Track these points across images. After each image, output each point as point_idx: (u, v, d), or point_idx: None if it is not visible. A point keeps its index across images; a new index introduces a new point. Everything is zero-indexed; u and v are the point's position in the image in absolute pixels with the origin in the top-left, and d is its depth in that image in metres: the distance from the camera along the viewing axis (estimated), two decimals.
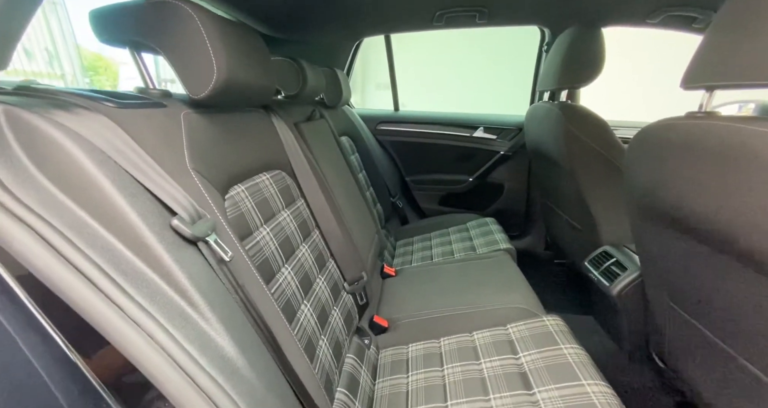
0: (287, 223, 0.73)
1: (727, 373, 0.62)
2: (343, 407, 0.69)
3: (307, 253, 0.77)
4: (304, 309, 0.68)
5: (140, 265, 0.33)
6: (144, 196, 0.36)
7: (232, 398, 0.32)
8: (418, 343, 0.93)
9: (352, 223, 1.05)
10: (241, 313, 0.41)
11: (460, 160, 1.76)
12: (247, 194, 0.62)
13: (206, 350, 0.33)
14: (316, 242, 0.83)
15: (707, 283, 0.61)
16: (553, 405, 0.63)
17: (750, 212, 0.44)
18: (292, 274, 0.68)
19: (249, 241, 0.58)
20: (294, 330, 0.60)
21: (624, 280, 0.94)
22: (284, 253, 0.68)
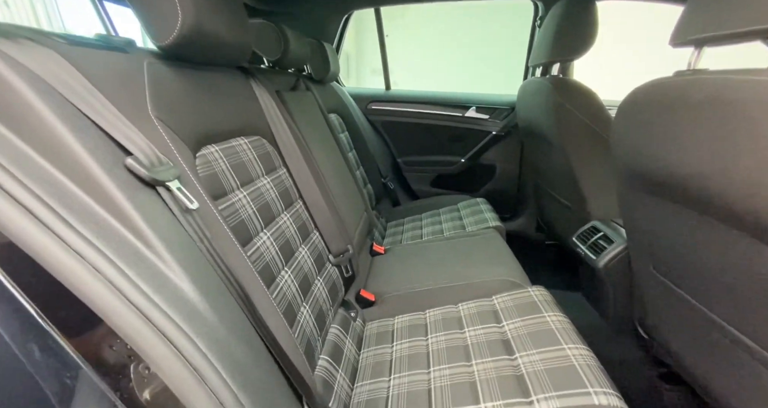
0: (267, 190, 0.71)
1: (711, 340, 0.63)
2: (326, 373, 0.69)
3: (289, 221, 0.76)
4: (284, 275, 0.67)
5: (88, 201, 0.31)
6: (94, 131, 0.34)
7: (188, 336, 0.31)
8: (404, 315, 0.92)
9: (340, 198, 1.03)
10: (207, 262, 0.39)
11: (453, 140, 1.74)
12: (221, 155, 0.60)
13: (162, 289, 0.32)
14: (299, 212, 0.82)
15: (692, 249, 0.61)
16: (534, 368, 0.63)
17: (738, 169, 0.43)
18: (271, 240, 0.66)
19: (223, 202, 0.57)
20: (273, 294, 0.59)
21: (610, 253, 0.94)
22: (263, 219, 0.66)
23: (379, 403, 0.67)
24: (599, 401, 0.54)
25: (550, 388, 0.58)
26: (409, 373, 0.72)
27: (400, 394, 0.68)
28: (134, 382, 0.29)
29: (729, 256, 0.51)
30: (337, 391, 0.69)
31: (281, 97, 0.88)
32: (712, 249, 0.54)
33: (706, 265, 0.57)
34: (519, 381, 0.62)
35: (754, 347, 0.53)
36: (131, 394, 0.29)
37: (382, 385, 0.72)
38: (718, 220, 0.51)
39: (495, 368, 0.66)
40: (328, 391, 0.67)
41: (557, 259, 1.65)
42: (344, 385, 0.72)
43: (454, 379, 0.67)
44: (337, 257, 0.90)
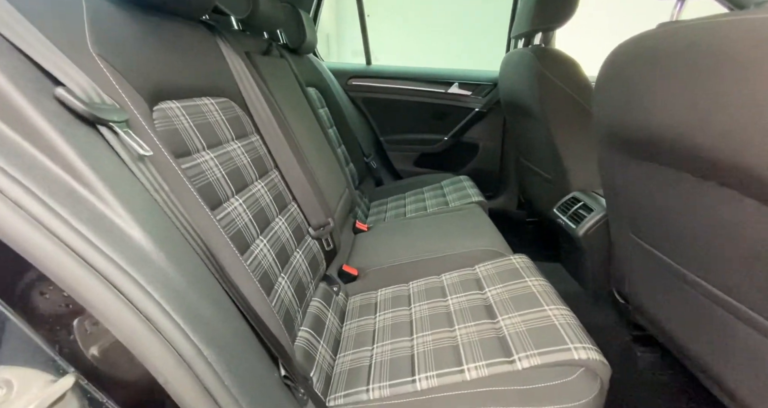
0: (238, 155, 0.67)
1: (687, 299, 0.64)
2: (306, 344, 0.67)
3: (264, 190, 0.72)
4: (259, 244, 0.64)
5: (7, 132, 0.27)
6: (14, 56, 0.29)
7: (138, 283, 0.28)
8: (388, 288, 0.91)
9: (320, 172, 1.00)
10: (164, 214, 0.36)
11: (435, 118, 1.71)
12: (183, 112, 0.55)
13: (106, 234, 0.28)
14: (274, 182, 0.78)
15: (670, 209, 0.61)
16: (515, 329, 0.63)
17: (724, 118, 0.42)
18: (243, 206, 0.63)
19: (187, 161, 0.52)
20: (247, 261, 0.56)
21: (590, 221, 0.95)
22: (234, 185, 0.62)
23: (362, 371, 0.66)
24: (579, 356, 0.55)
25: (531, 346, 0.59)
26: (392, 340, 0.71)
27: (383, 361, 0.67)
28: (77, 336, 0.26)
29: (712, 214, 0.51)
30: (319, 361, 0.67)
31: (252, 61, 0.83)
32: (694, 207, 0.55)
33: (687, 224, 0.58)
34: (501, 342, 0.62)
35: (730, 302, 0.54)
36: (73, 348, 0.26)
37: (365, 354, 0.71)
38: (703, 177, 0.51)
39: (477, 331, 0.66)
40: (310, 362, 0.65)
41: (537, 234, 1.68)
42: (326, 356, 0.70)
43: (437, 343, 0.66)
44: (317, 230, 0.87)
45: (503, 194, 1.78)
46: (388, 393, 0.59)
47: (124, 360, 0.27)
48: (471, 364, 0.59)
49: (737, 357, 0.55)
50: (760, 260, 0.46)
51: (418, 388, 0.58)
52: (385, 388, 0.60)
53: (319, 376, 0.64)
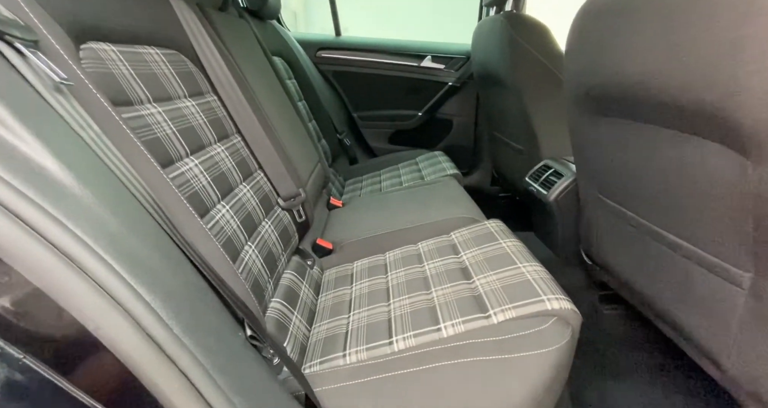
0: (192, 114, 0.61)
1: (647, 249, 0.67)
2: (279, 314, 0.64)
3: (224, 154, 0.67)
4: (221, 209, 0.59)
5: None
6: None
7: (54, 217, 0.23)
8: (364, 259, 0.89)
9: (289, 143, 0.94)
10: (89, 150, 0.31)
11: (409, 93, 1.68)
12: (121, 57, 0.48)
13: (7, 160, 0.23)
14: (237, 147, 0.72)
15: (636, 163, 0.63)
16: (491, 287, 0.64)
17: (691, 60, 0.42)
18: (200, 168, 0.57)
19: (127, 111, 0.46)
20: (207, 224, 0.51)
21: (560, 186, 0.97)
22: (188, 144, 0.57)
23: (338, 338, 0.64)
24: (551, 306, 0.55)
25: (506, 301, 0.59)
26: (369, 307, 0.70)
27: (360, 327, 0.65)
28: None
29: (677, 163, 0.52)
30: (293, 331, 0.64)
31: (205, 14, 0.75)
32: (658, 159, 0.56)
33: (652, 177, 0.59)
34: (477, 300, 0.63)
35: (688, 247, 0.56)
36: None
37: (342, 322, 0.69)
38: (669, 126, 0.52)
39: (453, 292, 0.66)
40: (283, 332, 0.62)
41: (510, 209, 1.72)
42: (301, 326, 0.68)
43: (414, 306, 0.66)
44: (288, 201, 0.82)
45: (477, 171, 1.79)
46: (365, 356, 0.57)
47: (42, 307, 0.23)
48: (448, 322, 0.59)
49: (693, 301, 0.58)
50: (721, 205, 0.48)
51: (395, 348, 0.57)
52: (362, 352, 0.59)
53: (294, 345, 0.62)
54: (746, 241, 0.46)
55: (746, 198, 0.43)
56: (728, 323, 0.52)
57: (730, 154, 0.44)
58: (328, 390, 0.50)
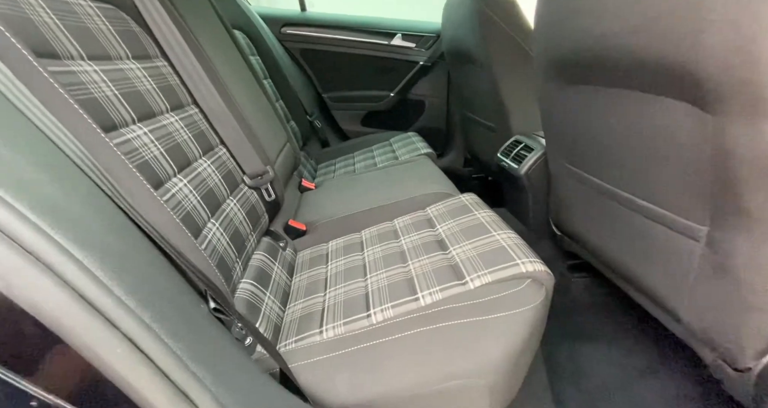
0: (137, 77, 0.54)
1: (612, 214, 0.69)
2: (250, 295, 0.61)
3: (179, 124, 0.61)
4: (177, 183, 0.54)
5: None
6: None
7: None
8: (339, 238, 0.87)
9: (254, 120, 0.89)
10: (16, 110, 0.26)
11: (380, 72, 1.64)
12: (41, 3, 0.41)
13: None
14: (194, 119, 0.66)
15: (602, 129, 0.64)
16: (466, 255, 0.64)
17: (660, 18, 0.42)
18: (150, 137, 0.52)
19: (54, 65, 0.40)
20: (163, 197, 0.46)
21: (531, 160, 0.99)
22: (134, 110, 0.51)
23: (314, 315, 0.62)
24: (526, 268, 0.56)
25: (482, 267, 0.59)
26: (345, 283, 0.68)
27: (337, 303, 0.63)
28: None
29: (644, 125, 0.54)
30: (266, 312, 0.61)
31: None
32: (626, 122, 0.57)
33: (619, 141, 0.61)
34: (454, 269, 0.62)
35: (650, 207, 0.59)
36: None
37: (317, 300, 0.66)
38: (635, 88, 0.53)
39: (431, 263, 0.65)
40: (254, 313, 0.59)
41: (483, 189, 1.75)
42: (274, 307, 0.65)
43: (391, 279, 0.65)
44: (254, 179, 0.78)
45: (450, 153, 1.80)
46: (342, 330, 0.56)
47: None
48: (425, 291, 0.58)
49: (654, 258, 0.61)
50: (681, 162, 0.50)
51: (373, 321, 0.56)
52: (339, 327, 0.57)
53: (267, 325, 0.59)
54: (704, 195, 0.48)
55: (705, 153, 0.45)
56: (686, 276, 0.55)
57: (691, 111, 0.45)
58: (303, 365, 0.48)
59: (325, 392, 0.44)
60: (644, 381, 0.74)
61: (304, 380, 0.46)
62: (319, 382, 0.45)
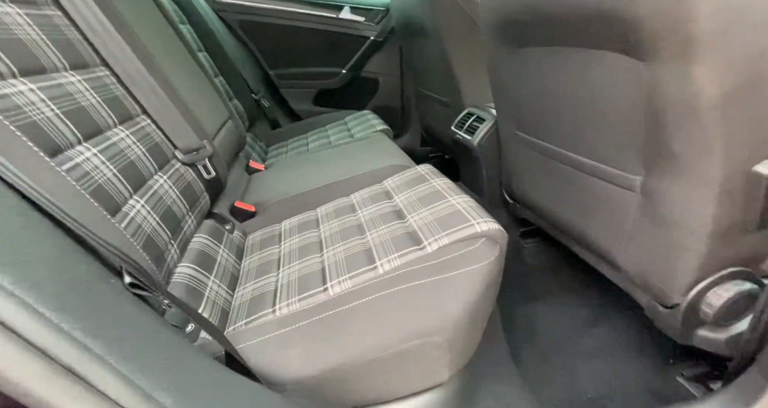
0: (29, 33, 0.44)
1: (559, 175, 0.72)
2: (189, 279, 0.54)
3: (83, 86, 0.51)
4: (84, 152, 0.45)
5: None
6: None
7: None
8: (293, 218, 0.82)
9: (186, 90, 0.79)
10: None
11: (329, 48, 1.56)
12: None
13: None
14: (104, 83, 0.56)
15: (547, 91, 0.65)
16: (423, 221, 0.63)
17: None
18: (40, 95, 0.42)
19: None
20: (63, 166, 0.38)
21: (483, 130, 1.00)
22: (16, 63, 0.41)
23: (266, 295, 0.57)
24: (480, 228, 0.56)
25: (438, 231, 0.58)
26: (300, 261, 0.64)
27: (291, 281, 0.59)
28: None
29: (588, 82, 0.55)
30: (210, 297, 0.55)
31: None
32: (571, 81, 0.58)
33: (564, 102, 0.62)
34: (411, 235, 0.61)
35: (592, 164, 0.61)
36: None
37: (270, 280, 0.62)
38: (577, 45, 0.54)
39: (389, 232, 0.63)
40: (197, 297, 0.53)
41: (440, 167, 1.77)
42: (220, 291, 0.59)
43: (348, 252, 0.62)
44: (189, 154, 0.69)
45: (407, 132, 1.79)
46: (297, 306, 0.52)
47: None
48: (383, 259, 0.56)
49: (596, 212, 0.65)
50: (619, 115, 0.52)
51: (330, 294, 0.53)
52: (293, 304, 0.53)
53: (213, 310, 0.53)
54: (638, 146, 0.51)
55: (639, 102, 0.47)
56: (624, 226, 0.59)
57: (627, 62, 0.46)
58: (253, 344, 0.44)
59: (277, 369, 0.40)
60: (591, 331, 0.80)
61: (254, 360, 0.42)
62: (271, 359, 0.41)
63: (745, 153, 0.41)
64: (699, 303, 0.52)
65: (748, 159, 0.42)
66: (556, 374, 0.69)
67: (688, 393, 0.61)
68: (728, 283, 0.50)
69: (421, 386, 0.45)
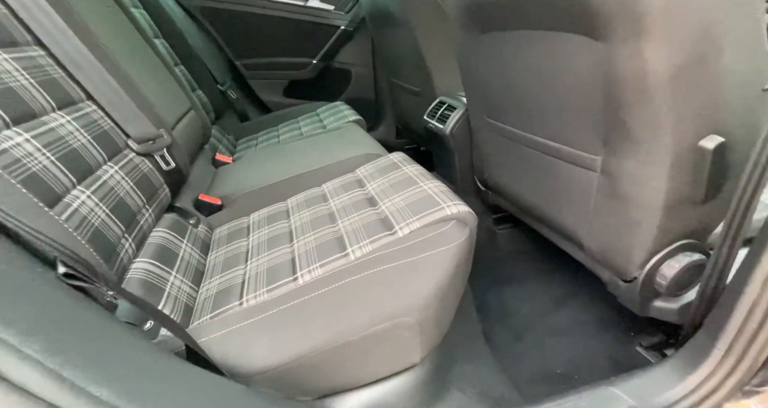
0: None
1: (526, 159, 0.73)
2: (147, 275, 0.51)
3: (12, 65, 0.46)
4: (12, 136, 0.41)
5: None
6: None
7: None
8: (262, 210, 0.79)
9: (140, 76, 0.73)
10: None
11: (299, 38, 1.51)
12: None
13: None
14: (38, 62, 0.51)
15: (512, 75, 0.66)
16: (395, 207, 0.62)
17: None
18: None
19: None
20: None
21: (454, 118, 1.01)
22: None
23: (234, 288, 0.55)
24: (450, 211, 0.56)
25: (410, 216, 0.58)
26: (269, 252, 0.62)
27: (259, 272, 0.57)
28: None
29: (552, 65, 0.55)
30: (171, 292, 0.52)
31: None
32: (537, 64, 0.59)
33: (530, 85, 0.63)
34: (383, 221, 0.60)
35: (558, 147, 0.63)
36: None
37: (237, 272, 0.59)
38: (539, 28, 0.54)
39: (360, 219, 0.62)
40: (156, 293, 0.50)
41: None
42: (183, 286, 0.56)
43: (319, 240, 0.60)
44: (144, 144, 0.65)
45: (382, 125, 1.78)
46: (265, 297, 0.50)
47: None
48: (355, 246, 0.55)
49: (560, 194, 0.67)
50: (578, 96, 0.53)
51: (300, 283, 0.51)
52: (261, 295, 0.51)
53: (175, 306, 0.50)
54: (597, 126, 0.53)
55: (597, 82, 0.48)
56: (587, 206, 0.61)
57: (585, 42, 0.47)
58: (217, 336, 0.41)
59: (243, 360, 0.39)
60: (560, 310, 0.83)
61: (218, 352, 0.40)
62: (237, 350, 0.40)
63: (691, 129, 0.44)
64: (654, 275, 0.55)
65: (694, 134, 0.44)
66: (527, 352, 0.71)
67: (645, 361, 0.65)
68: (679, 255, 0.53)
69: (392, 369, 0.45)
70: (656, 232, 0.51)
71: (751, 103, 0.43)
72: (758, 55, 0.41)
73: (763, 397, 0.41)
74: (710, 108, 0.43)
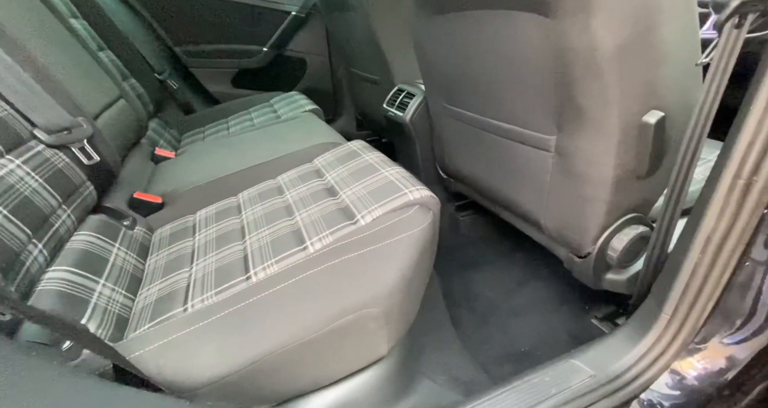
0: None
1: (483, 142, 0.74)
2: (66, 285, 0.43)
3: None
4: None
5: None
6: None
7: None
8: (210, 206, 0.72)
9: (52, 59, 0.62)
10: None
11: (246, 23, 1.41)
12: None
13: None
14: None
15: (467, 57, 0.65)
16: (356, 196, 0.59)
17: None
18: None
19: None
20: None
21: (413, 105, 1.00)
22: None
23: (177, 294, 0.48)
24: (413, 196, 0.55)
25: (372, 203, 0.55)
26: (218, 251, 0.56)
27: (206, 274, 0.51)
28: None
29: (497, 45, 0.55)
30: (99, 303, 0.45)
31: None
32: (489, 45, 0.58)
33: (481, 66, 0.62)
34: (344, 211, 0.57)
35: (512, 129, 0.63)
36: None
37: (181, 276, 0.53)
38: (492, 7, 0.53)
39: (319, 210, 0.58)
40: (77, 305, 0.42)
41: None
42: (114, 295, 0.48)
43: (275, 235, 0.55)
44: (56, 134, 0.55)
45: (342, 116, 1.72)
46: (213, 300, 0.45)
47: None
48: (314, 238, 0.52)
49: (518, 175, 0.68)
50: (531, 76, 0.53)
51: (254, 281, 0.46)
52: (209, 299, 0.45)
53: (103, 318, 0.43)
54: (550, 106, 0.53)
55: (549, 60, 0.48)
56: (543, 186, 0.62)
57: (537, 20, 0.47)
58: (152, 349, 0.36)
59: (185, 372, 0.34)
60: (521, 291, 0.86)
61: (155, 366, 0.34)
62: (177, 362, 0.34)
63: (636, 104, 0.45)
64: (606, 249, 0.58)
65: (638, 110, 0.46)
66: (493, 334, 0.73)
67: (600, 331, 0.69)
68: (627, 228, 0.56)
69: (360, 364, 0.42)
70: (607, 207, 0.53)
71: (686, 79, 0.46)
72: (691, 30, 0.43)
73: (704, 353, 0.44)
74: (651, 84, 0.45)
